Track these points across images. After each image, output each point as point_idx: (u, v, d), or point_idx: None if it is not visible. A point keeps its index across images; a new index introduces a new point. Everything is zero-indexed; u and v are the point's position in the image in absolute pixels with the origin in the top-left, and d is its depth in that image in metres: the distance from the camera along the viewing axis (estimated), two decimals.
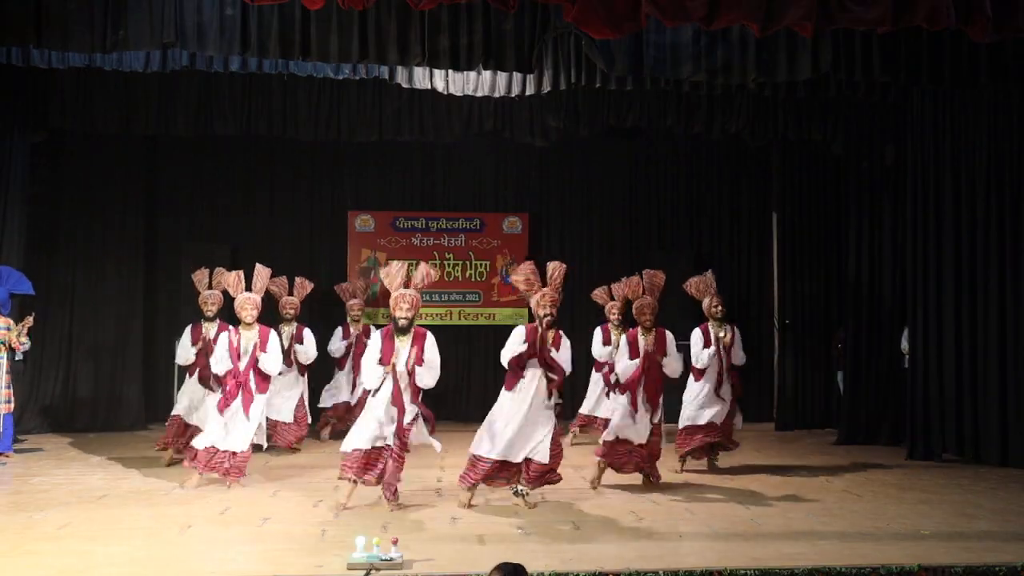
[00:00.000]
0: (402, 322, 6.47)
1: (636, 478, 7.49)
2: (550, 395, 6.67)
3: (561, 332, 6.73)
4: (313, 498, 6.96)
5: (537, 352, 6.56)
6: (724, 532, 5.99)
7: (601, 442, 7.49)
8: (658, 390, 7.43)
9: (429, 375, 6.53)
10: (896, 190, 9.90)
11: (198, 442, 7.28)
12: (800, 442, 10.27)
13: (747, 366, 9.01)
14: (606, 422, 7.81)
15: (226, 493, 7.12)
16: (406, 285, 6.56)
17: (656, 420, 7.43)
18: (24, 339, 9.79)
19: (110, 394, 10.79)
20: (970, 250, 8.79)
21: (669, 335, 7.56)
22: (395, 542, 5.10)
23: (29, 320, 8.91)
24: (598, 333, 9.20)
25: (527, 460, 6.60)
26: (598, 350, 9.15)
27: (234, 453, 7.20)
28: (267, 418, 8.52)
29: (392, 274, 6.60)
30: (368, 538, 5.12)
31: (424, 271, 6.63)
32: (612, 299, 9.55)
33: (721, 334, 8.12)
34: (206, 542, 5.69)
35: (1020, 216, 8.48)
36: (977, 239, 8.75)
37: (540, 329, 6.59)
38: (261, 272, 7.59)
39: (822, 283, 11.56)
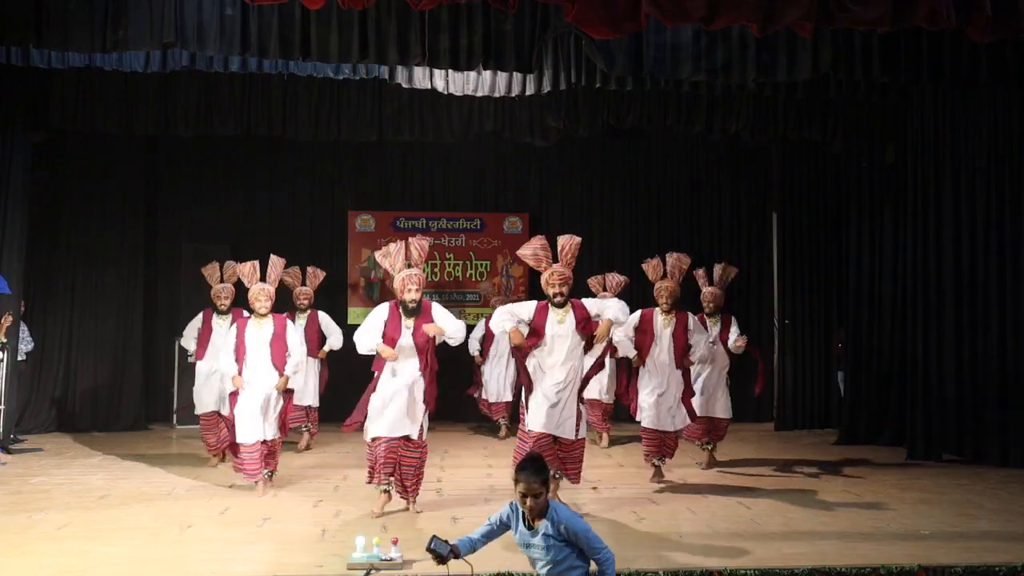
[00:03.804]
0: (412, 304, 6.41)
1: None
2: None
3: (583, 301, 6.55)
4: (313, 498, 6.97)
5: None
6: (724, 532, 5.99)
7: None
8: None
9: (455, 327, 6.54)
10: (896, 190, 9.90)
11: (244, 436, 7.05)
12: (800, 442, 10.26)
13: (747, 366, 9.03)
14: None
15: (226, 493, 7.13)
16: (408, 264, 6.50)
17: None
18: (27, 338, 9.83)
19: (110, 394, 10.80)
20: (970, 250, 8.79)
21: (691, 317, 7.56)
22: (395, 542, 5.11)
23: (8, 319, 8.89)
24: None
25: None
26: None
27: (265, 441, 7.09)
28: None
29: (392, 253, 6.51)
30: (368, 538, 5.13)
31: (418, 246, 6.53)
32: (605, 290, 9.55)
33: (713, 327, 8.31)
34: (206, 542, 5.69)
35: (1020, 216, 8.48)
36: (977, 239, 8.75)
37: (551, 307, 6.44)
38: (276, 263, 7.53)
39: (822, 283, 11.55)
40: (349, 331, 6.82)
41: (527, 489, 3.79)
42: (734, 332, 8.32)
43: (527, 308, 6.54)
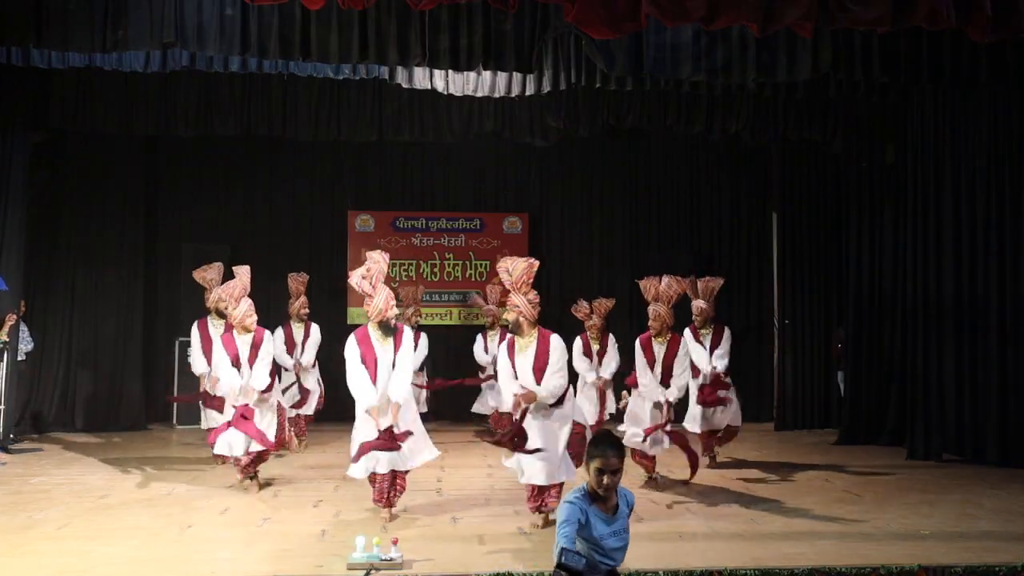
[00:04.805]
0: (394, 321, 6.28)
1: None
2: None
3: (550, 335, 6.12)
4: (313, 498, 6.97)
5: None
6: (724, 532, 5.99)
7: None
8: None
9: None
10: (896, 190, 9.90)
11: (222, 450, 7.07)
12: (800, 442, 10.27)
13: (747, 366, 9.03)
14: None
15: (226, 493, 7.13)
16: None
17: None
18: (27, 338, 9.83)
19: (110, 394, 10.79)
20: (970, 250, 8.79)
21: (683, 342, 7.39)
22: (395, 542, 5.11)
23: (12, 317, 8.87)
24: (578, 343, 8.88)
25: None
26: (578, 363, 8.75)
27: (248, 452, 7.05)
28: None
29: (375, 272, 6.23)
30: (368, 538, 5.13)
31: (384, 259, 6.33)
32: (591, 314, 9.37)
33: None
34: (206, 542, 5.70)
35: (1020, 216, 8.48)
36: (977, 239, 8.75)
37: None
38: (243, 272, 7.30)
39: (822, 283, 11.55)
40: (348, 331, 6.75)
41: (605, 464, 3.35)
42: (725, 346, 8.25)
43: (505, 348, 6.24)
